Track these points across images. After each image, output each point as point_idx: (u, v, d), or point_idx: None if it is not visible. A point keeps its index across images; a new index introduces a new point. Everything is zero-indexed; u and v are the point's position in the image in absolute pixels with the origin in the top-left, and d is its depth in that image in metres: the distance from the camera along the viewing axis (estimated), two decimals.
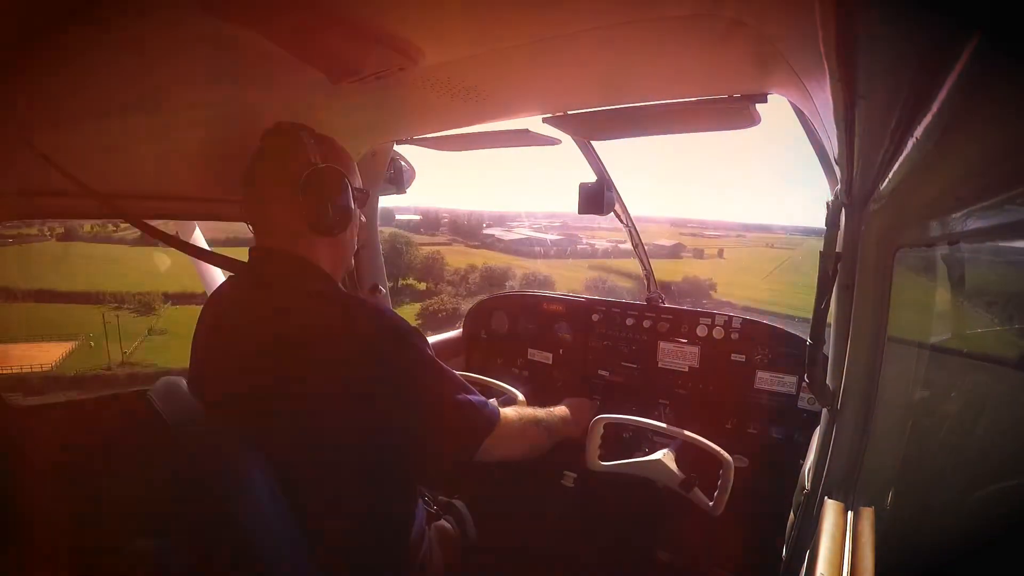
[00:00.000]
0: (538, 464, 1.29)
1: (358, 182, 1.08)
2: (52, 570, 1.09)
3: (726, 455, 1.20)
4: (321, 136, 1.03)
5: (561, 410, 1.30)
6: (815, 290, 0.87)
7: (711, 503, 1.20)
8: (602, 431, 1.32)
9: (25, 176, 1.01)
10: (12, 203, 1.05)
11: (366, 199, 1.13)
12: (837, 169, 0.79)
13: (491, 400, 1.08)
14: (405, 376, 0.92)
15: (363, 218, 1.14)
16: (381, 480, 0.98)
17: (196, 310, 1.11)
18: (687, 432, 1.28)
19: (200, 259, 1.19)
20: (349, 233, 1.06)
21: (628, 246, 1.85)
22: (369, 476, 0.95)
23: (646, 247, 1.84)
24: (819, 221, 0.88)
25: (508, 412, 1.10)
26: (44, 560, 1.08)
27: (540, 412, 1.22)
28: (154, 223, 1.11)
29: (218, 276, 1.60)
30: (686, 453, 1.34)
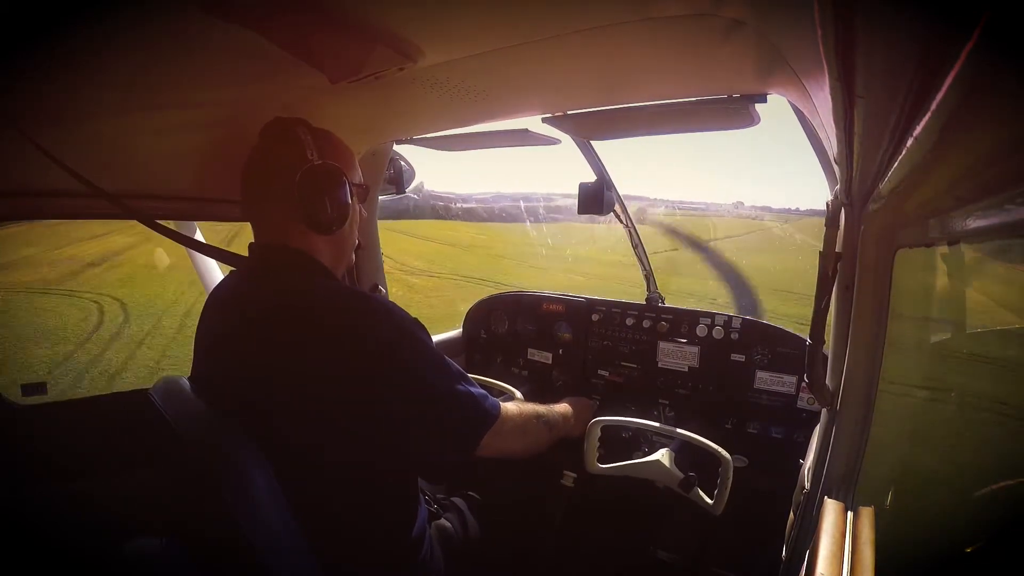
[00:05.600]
0: (538, 463, 1.29)
1: (358, 177, 1.07)
2: (52, 570, 1.09)
3: (725, 453, 1.20)
4: (318, 130, 1.01)
5: (562, 407, 1.30)
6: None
7: (711, 502, 1.20)
8: (599, 434, 1.32)
9: (25, 176, 1.01)
10: (13, 203, 1.05)
11: (366, 194, 1.12)
12: (837, 169, 0.79)
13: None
14: (407, 368, 0.92)
15: (364, 213, 1.14)
16: (382, 477, 0.97)
17: None
18: (683, 431, 1.28)
19: (206, 255, 1.19)
20: (348, 229, 1.05)
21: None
22: (371, 473, 0.95)
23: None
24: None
25: (509, 406, 1.10)
26: (45, 560, 1.08)
27: (540, 408, 1.22)
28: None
29: (217, 275, 1.60)
30: (686, 452, 1.34)
